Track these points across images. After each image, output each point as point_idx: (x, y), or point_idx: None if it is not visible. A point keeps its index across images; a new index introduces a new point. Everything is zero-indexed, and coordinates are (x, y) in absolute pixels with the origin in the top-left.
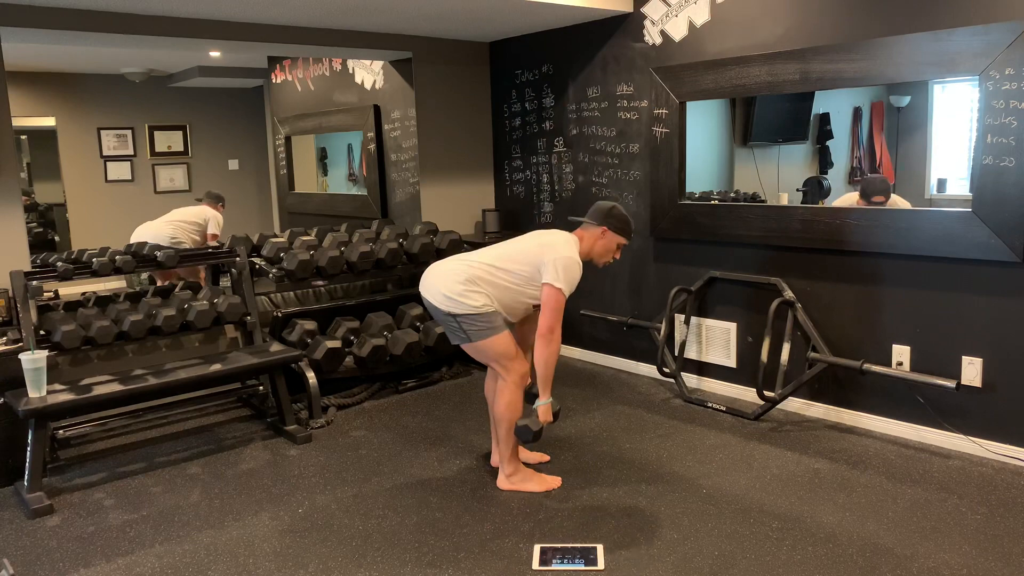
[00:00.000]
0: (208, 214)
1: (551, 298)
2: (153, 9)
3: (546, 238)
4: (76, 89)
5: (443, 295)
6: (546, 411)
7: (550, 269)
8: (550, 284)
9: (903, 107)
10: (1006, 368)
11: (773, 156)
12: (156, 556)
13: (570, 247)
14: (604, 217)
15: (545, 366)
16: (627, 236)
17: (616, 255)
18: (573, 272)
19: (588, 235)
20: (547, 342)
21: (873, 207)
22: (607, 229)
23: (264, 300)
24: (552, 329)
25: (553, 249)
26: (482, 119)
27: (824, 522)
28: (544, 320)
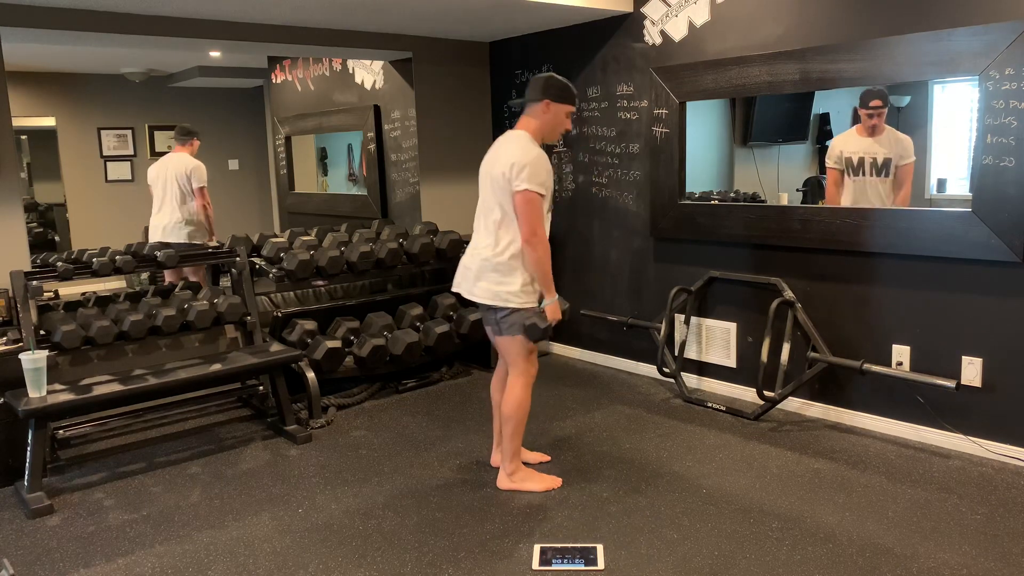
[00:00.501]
0: (185, 164)
1: (522, 202)
2: (153, 9)
3: (494, 157)
4: (76, 89)
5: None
6: (554, 309)
7: (514, 178)
8: (517, 190)
9: (903, 107)
10: (1006, 368)
11: (773, 156)
12: (156, 556)
13: (519, 146)
14: (543, 90)
15: (539, 267)
16: (571, 101)
17: (567, 125)
18: (537, 166)
19: (533, 118)
20: (532, 246)
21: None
22: (549, 101)
23: (264, 300)
24: (534, 231)
25: (505, 160)
26: (482, 119)
27: (824, 522)
28: (523, 226)
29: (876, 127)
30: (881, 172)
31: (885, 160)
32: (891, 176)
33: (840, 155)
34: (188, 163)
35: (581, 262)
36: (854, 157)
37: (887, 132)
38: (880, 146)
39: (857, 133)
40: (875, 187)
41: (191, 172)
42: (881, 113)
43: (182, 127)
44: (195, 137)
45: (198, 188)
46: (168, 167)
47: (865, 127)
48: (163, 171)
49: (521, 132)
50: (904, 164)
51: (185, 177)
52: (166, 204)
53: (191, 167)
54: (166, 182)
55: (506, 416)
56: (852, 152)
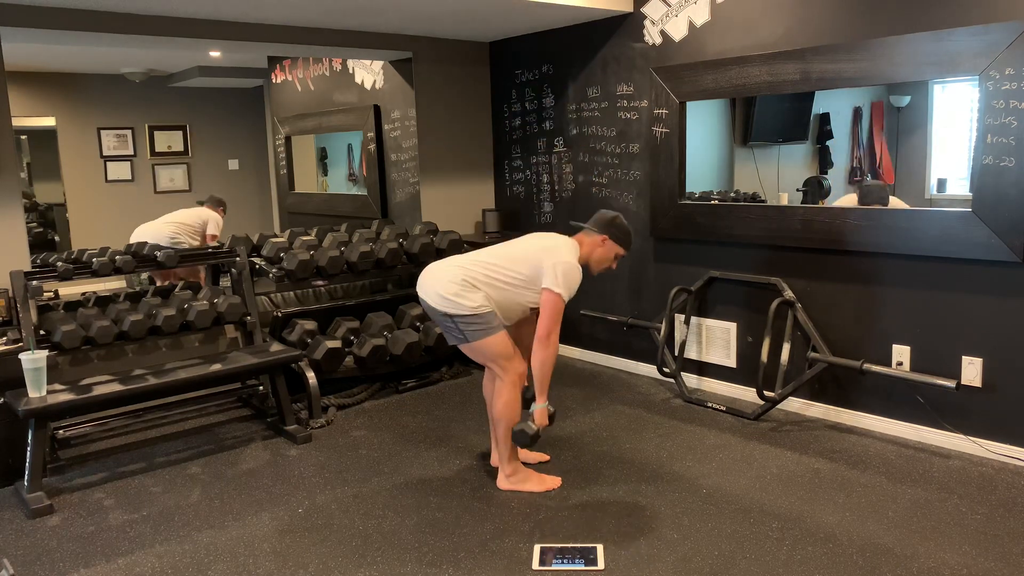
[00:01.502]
0: (208, 215)
1: (550, 303)
2: (153, 9)
3: (547, 242)
4: (76, 89)
5: (439, 295)
6: (542, 415)
7: (550, 273)
8: (549, 289)
9: (903, 107)
10: (1006, 368)
11: (773, 156)
12: (156, 556)
13: (570, 252)
14: (606, 226)
15: (542, 370)
16: (626, 248)
17: (613, 265)
18: (573, 278)
19: (588, 241)
20: (545, 346)
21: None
22: (608, 238)
23: (264, 300)
24: (550, 333)
25: (554, 253)
26: (482, 119)
27: (824, 522)
28: (543, 325)
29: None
30: None
31: None
32: None
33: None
34: (212, 214)
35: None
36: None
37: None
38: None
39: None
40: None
41: (209, 220)
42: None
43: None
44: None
45: (211, 234)
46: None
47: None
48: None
49: (576, 244)
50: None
51: (202, 222)
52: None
53: (213, 217)
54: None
55: (496, 417)
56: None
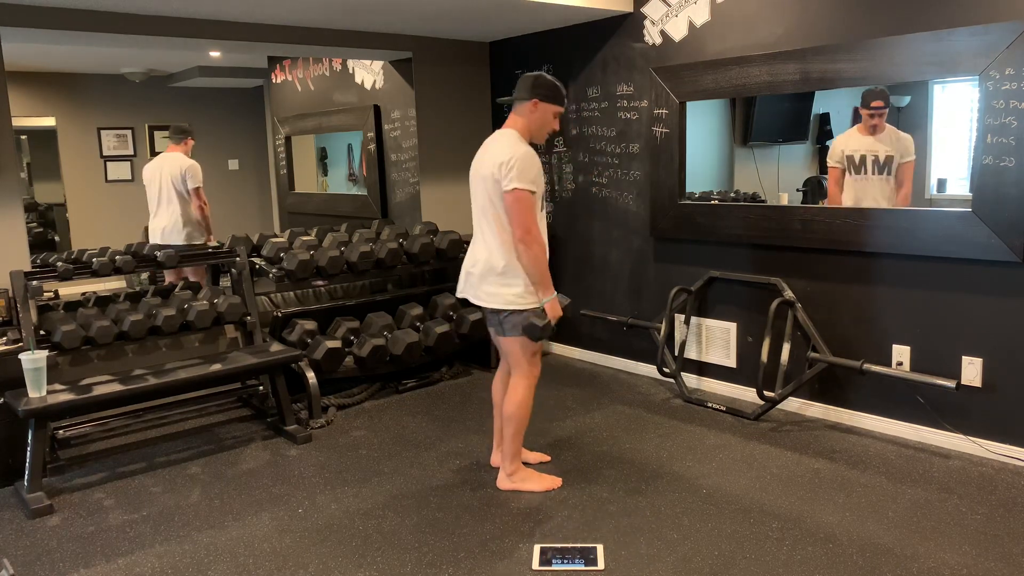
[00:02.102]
0: (179, 164)
1: (512, 201)
2: (153, 9)
3: (483, 159)
4: (76, 89)
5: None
6: (553, 306)
7: (504, 178)
8: (507, 190)
9: (903, 107)
10: (1006, 368)
11: (773, 156)
12: (156, 556)
13: (507, 145)
14: (531, 88)
15: (535, 266)
16: (559, 102)
17: (555, 125)
18: (526, 164)
19: (521, 116)
20: (527, 244)
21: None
22: (537, 100)
23: (264, 300)
24: (527, 230)
25: (494, 160)
26: (482, 119)
27: (824, 522)
28: (516, 225)
29: (877, 126)
30: (883, 170)
31: (887, 158)
32: (892, 174)
33: (842, 154)
34: (183, 163)
35: (581, 262)
36: (856, 155)
37: (888, 131)
38: (882, 144)
39: (859, 132)
40: (877, 185)
41: (186, 172)
42: (883, 113)
43: (177, 126)
44: (189, 136)
45: (194, 188)
46: (163, 168)
47: (866, 126)
48: (157, 172)
49: (509, 131)
50: (905, 162)
51: (180, 178)
52: (163, 206)
53: (186, 167)
54: (161, 183)
55: (507, 416)
56: (854, 150)
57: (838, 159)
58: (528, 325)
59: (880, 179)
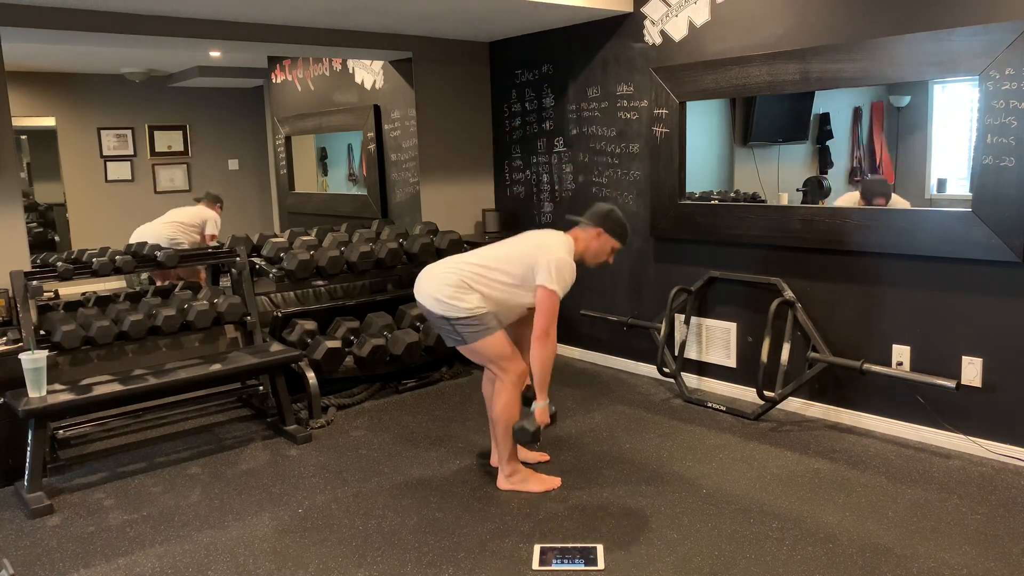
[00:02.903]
0: (206, 215)
1: (545, 300)
2: (153, 9)
3: (540, 239)
4: (76, 89)
5: (435, 299)
6: (543, 413)
7: (543, 270)
8: (543, 286)
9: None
10: (1006, 368)
11: (773, 156)
12: (156, 556)
13: (564, 248)
14: (602, 220)
15: (542, 368)
16: (623, 241)
17: (609, 259)
18: (567, 273)
19: (584, 236)
20: (543, 344)
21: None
22: (603, 231)
23: (264, 300)
24: (547, 332)
25: (547, 250)
26: (482, 119)
27: (824, 522)
28: (539, 322)
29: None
30: None
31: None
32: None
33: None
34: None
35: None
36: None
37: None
38: None
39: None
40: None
41: (207, 219)
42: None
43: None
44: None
45: (210, 234)
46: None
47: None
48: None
49: (570, 240)
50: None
51: (201, 221)
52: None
53: (211, 216)
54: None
55: (495, 417)
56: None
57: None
58: (518, 428)
59: None
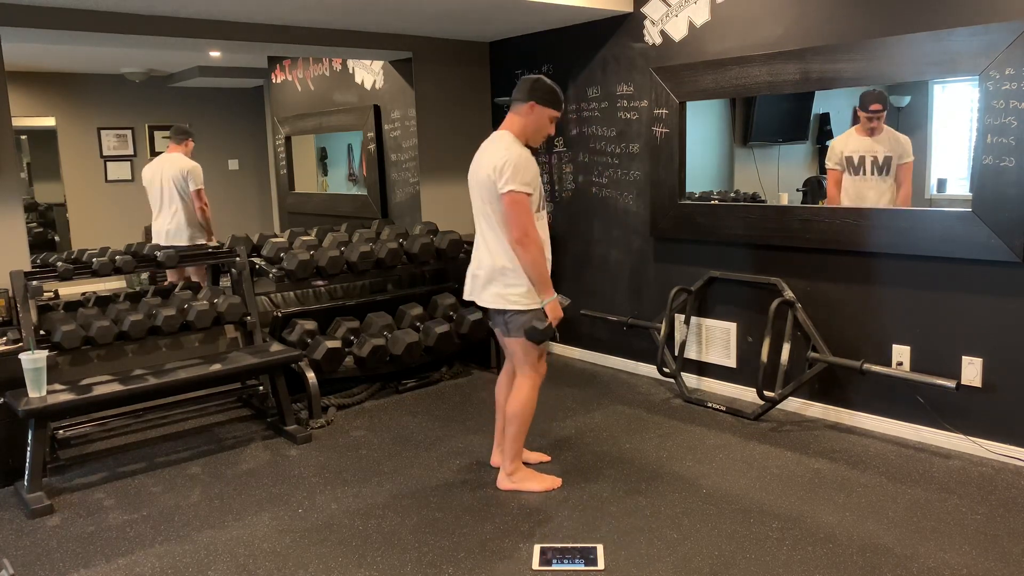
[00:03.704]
0: (184, 166)
1: (509, 203)
2: (153, 9)
3: (479, 164)
4: (76, 89)
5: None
6: (553, 307)
7: (499, 180)
8: (502, 192)
9: (903, 107)
10: (1006, 368)
11: (773, 156)
12: (156, 556)
13: (503, 147)
14: (529, 91)
15: (534, 267)
16: (557, 106)
17: (550, 130)
18: (521, 166)
19: (516, 119)
20: (524, 246)
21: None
22: (534, 103)
23: (264, 300)
24: (525, 232)
25: (490, 163)
26: (482, 119)
27: (824, 522)
28: (513, 227)
29: (876, 128)
30: (882, 171)
31: (885, 158)
32: (891, 175)
33: (840, 155)
34: (184, 164)
35: (581, 262)
36: (854, 156)
37: (886, 132)
38: (880, 145)
39: (857, 133)
40: (875, 185)
41: (187, 174)
42: (881, 116)
43: (178, 127)
44: (190, 138)
45: (195, 191)
46: (163, 169)
47: (865, 128)
48: (158, 173)
49: (504, 132)
50: (904, 163)
51: (182, 179)
52: (165, 208)
53: (187, 169)
54: (162, 184)
55: (511, 416)
56: (852, 151)
57: (837, 160)
58: (529, 328)
59: (879, 180)
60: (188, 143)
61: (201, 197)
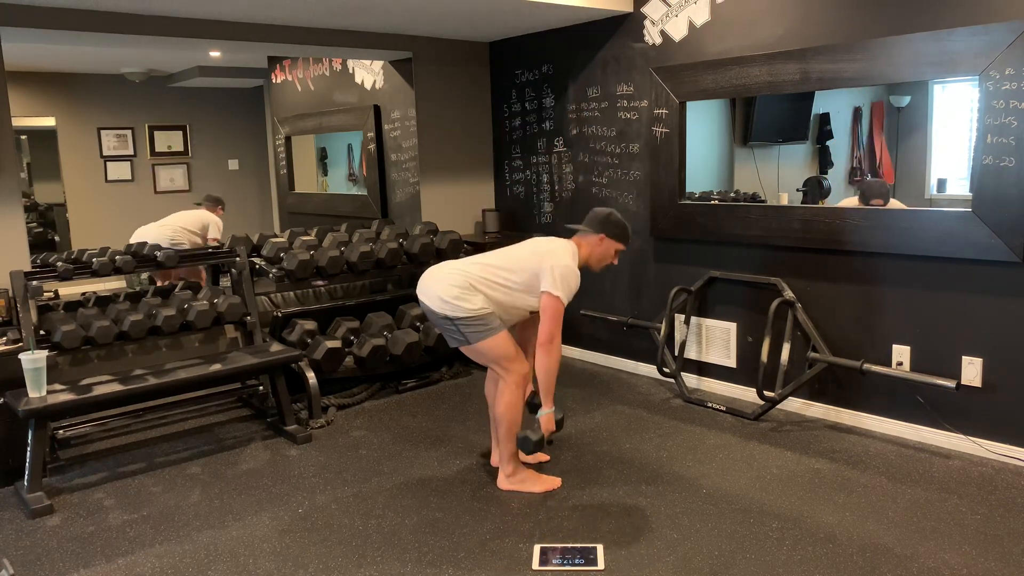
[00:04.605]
0: (208, 219)
1: (550, 306)
2: (153, 9)
3: (544, 246)
4: (76, 89)
5: (439, 299)
6: (548, 421)
7: (548, 277)
8: (548, 292)
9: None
10: (1006, 368)
11: (773, 156)
12: (156, 556)
13: (568, 255)
14: (602, 224)
15: (547, 375)
16: (625, 242)
17: (614, 260)
18: (571, 281)
19: (586, 242)
20: (547, 351)
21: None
22: (605, 236)
23: (264, 300)
24: (552, 338)
25: (551, 257)
26: (482, 119)
27: (824, 522)
28: (544, 329)
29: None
30: None
31: None
32: None
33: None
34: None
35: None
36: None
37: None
38: None
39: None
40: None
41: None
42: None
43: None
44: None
45: (212, 238)
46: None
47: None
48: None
49: (574, 246)
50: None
51: (203, 226)
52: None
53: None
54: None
55: (498, 418)
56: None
57: None
58: (521, 438)
59: None
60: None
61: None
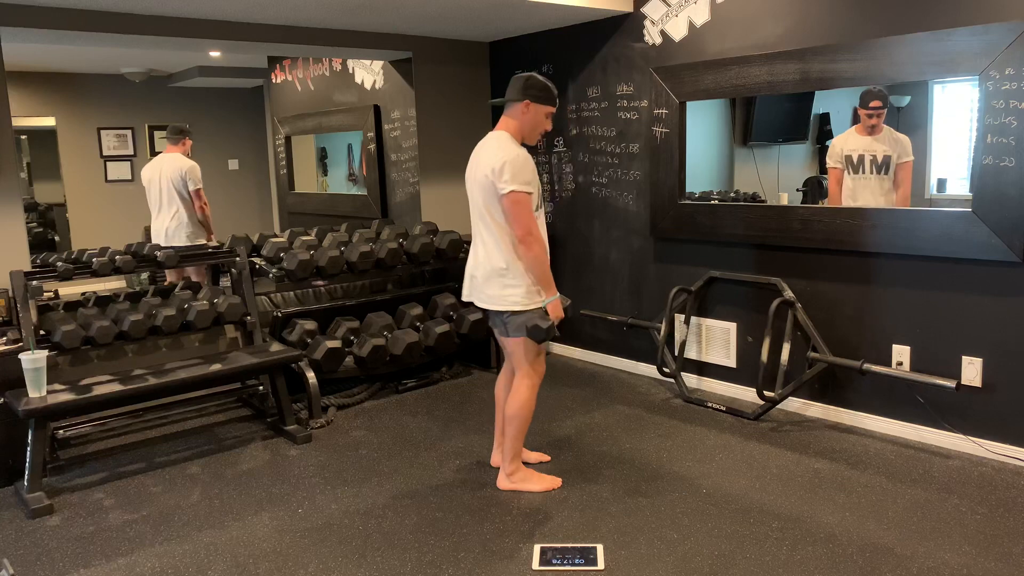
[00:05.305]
0: (181, 166)
1: (510, 203)
2: (153, 9)
3: (479, 161)
4: (76, 89)
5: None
6: (556, 307)
7: (497, 183)
8: (503, 195)
9: (903, 107)
10: (1006, 368)
11: (773, 156)
12: (156, 556)
13: (499, 147)
14: (523, 90)
15: (536, 265)
16: (551, 103)
17: (547, 126)
18: (519, 166)
19: (513, 118)
20: (528, 245)
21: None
22: (529, 101)
23: (264, 300)
24: (528, 231)
25: (487, 164)
26: (482, 119)
27: (824, 522)
28: (515, 228)
29: (875, 127)
30: (881, 169)
31: (885, 158)
32: (890, 174)
33: (841, 153)
34: (182, 164)
35: (581, 262)
36: (854, 155)
37: (886, 131)
38: (880, 144)
39: (857, 132)
40: (875, 185)
41: (186, 174)
42: (881, 113)
43: (174, 126)
44: (187, 136)
45: (194, 190)
46: (162, 169)
47: (864, 127)
48: (157, 172)
49: (501, 132)
50: (903, 162)
51: (180, 179)
52: (164, 207)
53: (185, 168)
54: (161, 184)
55: (510, 416)
56: (852, 150)
57: (837, 159)
58: (532, 327)
59: (878, 179)
60: (186, 142)
61: (200, 196)
